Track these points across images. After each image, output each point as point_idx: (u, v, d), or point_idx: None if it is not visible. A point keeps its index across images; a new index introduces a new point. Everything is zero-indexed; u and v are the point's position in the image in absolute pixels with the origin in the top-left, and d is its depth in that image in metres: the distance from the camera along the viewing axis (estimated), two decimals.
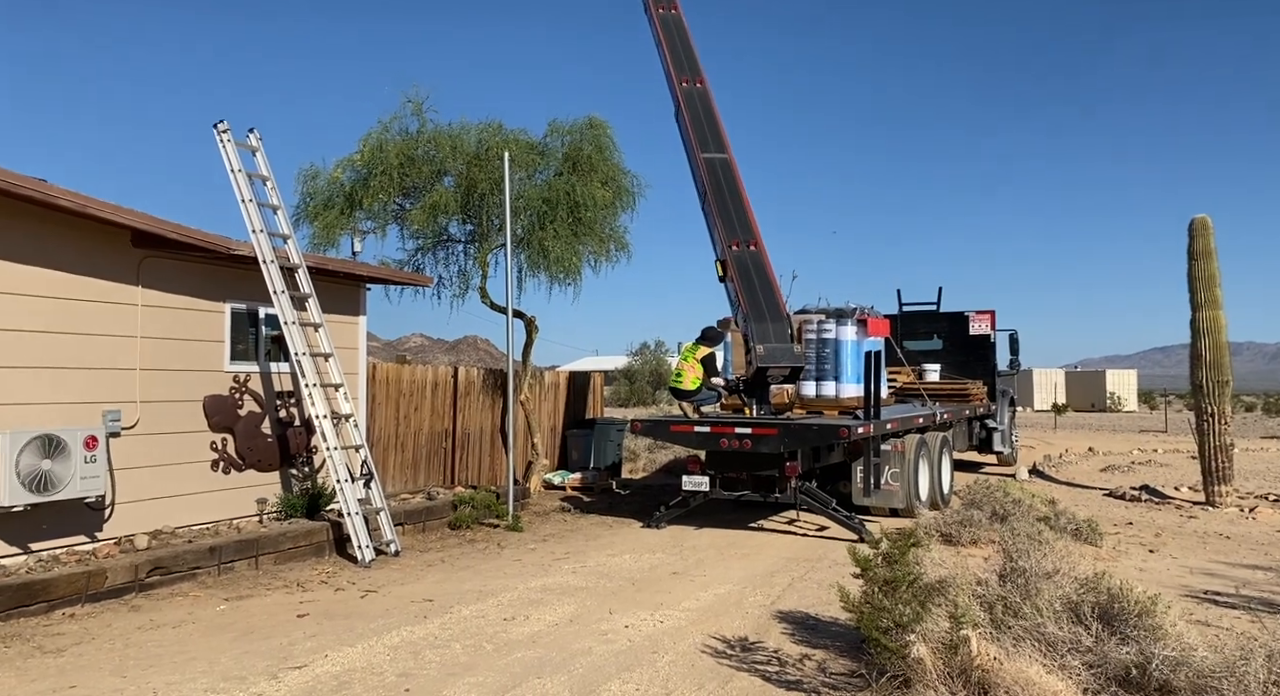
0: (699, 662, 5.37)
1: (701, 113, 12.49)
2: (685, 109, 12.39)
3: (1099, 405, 52.06)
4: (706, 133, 12.27)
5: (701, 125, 12.32)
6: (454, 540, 9.71)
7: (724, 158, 12.07)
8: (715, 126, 12.40)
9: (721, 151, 12.12)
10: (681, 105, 12.46)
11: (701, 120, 12.39)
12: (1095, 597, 4.84)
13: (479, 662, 5.37)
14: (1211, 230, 12.68)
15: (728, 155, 12.11)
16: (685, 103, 12.46)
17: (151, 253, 8.03)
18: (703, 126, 12.31)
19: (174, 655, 5.53)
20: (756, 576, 7.83)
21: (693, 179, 12.20)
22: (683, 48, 13.19)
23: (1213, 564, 8.39)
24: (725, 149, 12.18)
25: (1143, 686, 4.28)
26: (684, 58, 13.06)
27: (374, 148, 11.96)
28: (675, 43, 13.16)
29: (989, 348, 15.95)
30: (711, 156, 12.00)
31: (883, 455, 10.58)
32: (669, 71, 12.89)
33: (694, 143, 12.08)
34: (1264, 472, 16.67)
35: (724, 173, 11.91)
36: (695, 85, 12.78)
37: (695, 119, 12.34)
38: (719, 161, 12.00)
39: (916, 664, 4.32)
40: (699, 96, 12.70)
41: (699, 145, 12.07)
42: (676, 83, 12.70)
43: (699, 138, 12.13)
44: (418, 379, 12.27)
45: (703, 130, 12.26)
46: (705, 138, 12.20)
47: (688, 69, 12.92)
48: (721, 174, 11.87)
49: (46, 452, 6.80)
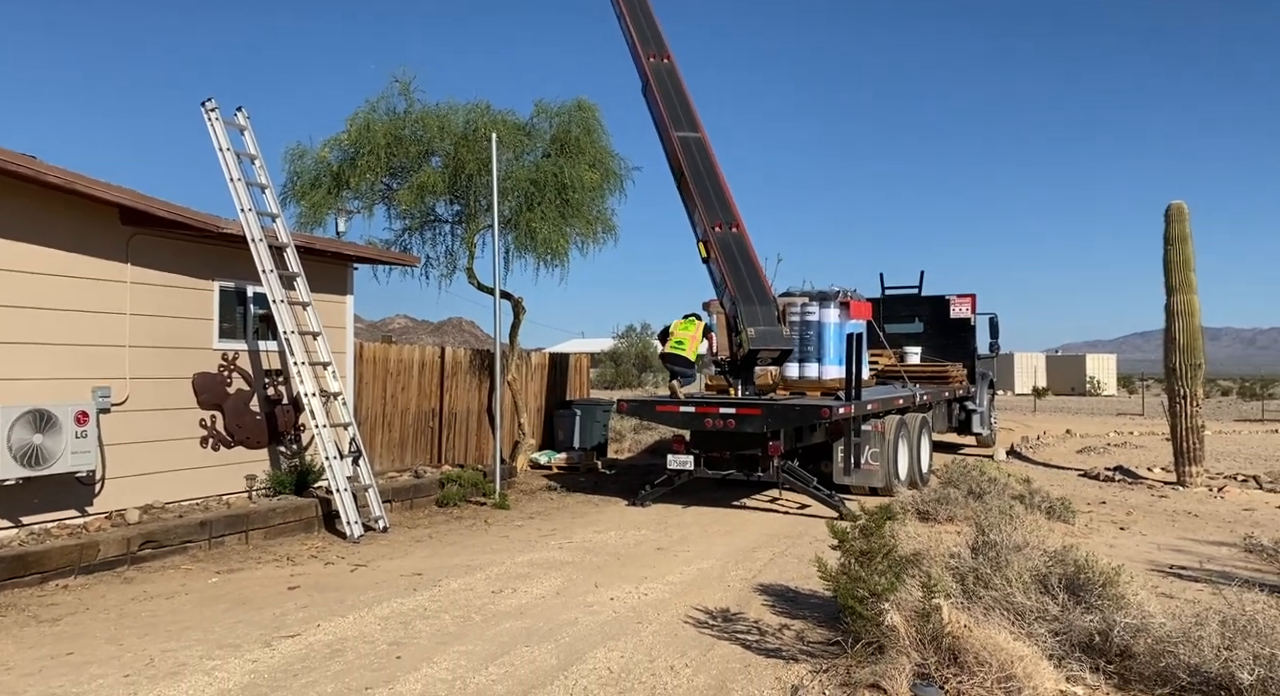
0: (682, 632, 5.54)
1: (671, 90, 12.24)
2: (655, 86, 12.15)
3: (1079, 389, 52.73)
4: (678, 110, 12.01)
5: (673, 102, 12.08)
6: (441, 517, 9.85)
7: (698, 136, 11.90)
8: (686, 104, 12.17)
9: (695, 130, 11.93)
10: (650, 81, 12.23)
11: (672, 97, 12.14)
12: (1062, 569, 5.05)
13: (468, 632, 5.52)
14: (1187, 216, 12.91)
15: (701, 134, 11.94)
16: (654, 79, 12.22)
17: (140, 230, 8.06)
18: (674, 104, 12.06)
19: (168, 624, 5.64)
20: (739, 551, 8.02)
21: (666, 158, 12.01)
22: (646, 21, 12.90)
23: (1180, 540, 8.65)
24: (698, 127, 11.99)
25: (1105, 652, 4.49)
26: (648, 32, 12.75)
27: (361, 127, 11.98)
28: (638, 15, 12.87)
29: (969, 331, 16.18)
30: (685, 135, 11.79)
31: (863, 435, 10.77)
32: (634, 46, 12.62)
33: (666, 120, 11.86)
34: (1235, 454, 17.06)
35: (699, 152, 11.77)
36: (663, 61, 12.51)
37: (666, 96, 12.11)
38: (693, 140, 11.83)
39: (890, 631, 4.50)
40: (667, 73, 12.43)
41: (671, 123, 11.84)
42: (643, 58, 12.45)
43: (671, 115, 11.90)
44: (405, 358, 12.35)
45: (674, 108, 12.01)
46: (677, 115, 11.95)
47: (653, 44, 12.63)
48: (697, 153, 11.73)
49: (38, 427, 6.87)
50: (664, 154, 12.02)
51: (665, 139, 11.93)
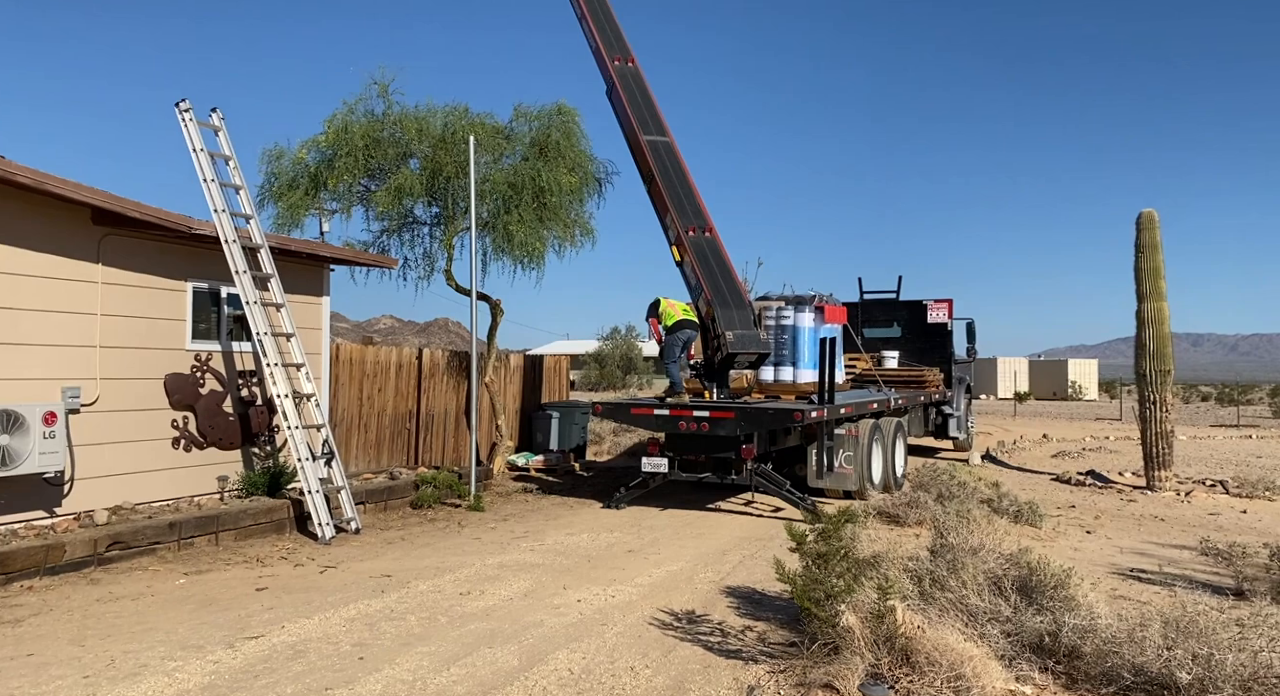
0: (645, 634, 5.60)
1: (637, 93, 12.28)
2: (621, 89, 12.20)
3: (1060, 393, 53.14)
4: (645, 114, 12.06)
5: (639, 106, 12.12)
6: (415, 519, 9.87)
7: (665, 140, 11.96)
8: (652, 107, 12.20)
9: (662, 134, 11.98)
10: (616, 84, 12.28)
11: (639, 101, 12.18)
12: (1016, 571, 5.14)
13: (433, 633, 5.56)
14: (1158, 224, 13.09)
15: (669, 138, 12.00)
16: (620, 81, 12.26)
17: (112, 230, 8.05)
18: (640, 107, 12.10)
19: (132, 626, 5.65)
20: (709, 554, 8.08)
21: (635, 162, 12.06)
22: (608, 24, 12.91)
23: (1144, 544, 8.78)
24: (665, 131, 12.04)
25: (1054, 652, 4.58)
26: (611, 35, 12.80)
27: (339, 129, 11.97)
28: (600, 18, 12.90)
29: (946, 335, 16.33)
30: (654, 139, 11.85)
31: (836, 439, 10.87)
32: (598, 49, 12.65)
33: (634, 124, 11.90)
34: (1206, 458, 17.27)
35: (668, 156, 11.83)
36: (627, 64, 12.56)
37: (632, 99, 12.15)
38: (661, 144, 11.87)
39: (846, 632, 4.57)
40: (632, 76, 12.47)
41: (639, 127, 11.89)
42: (608, 61, 12.49)
43: (639, 119, 11.95)
44: (382, 360, 12.35)
45: (641, 111, 12.06)
46: (645, 119, 12.00)
47: (617, 47, 12.67)
48: (666, 157, 11.79)
49: (4, 427, 6.85)
50: (632, 158, 12.10)
51: (633, 143, 12.00)
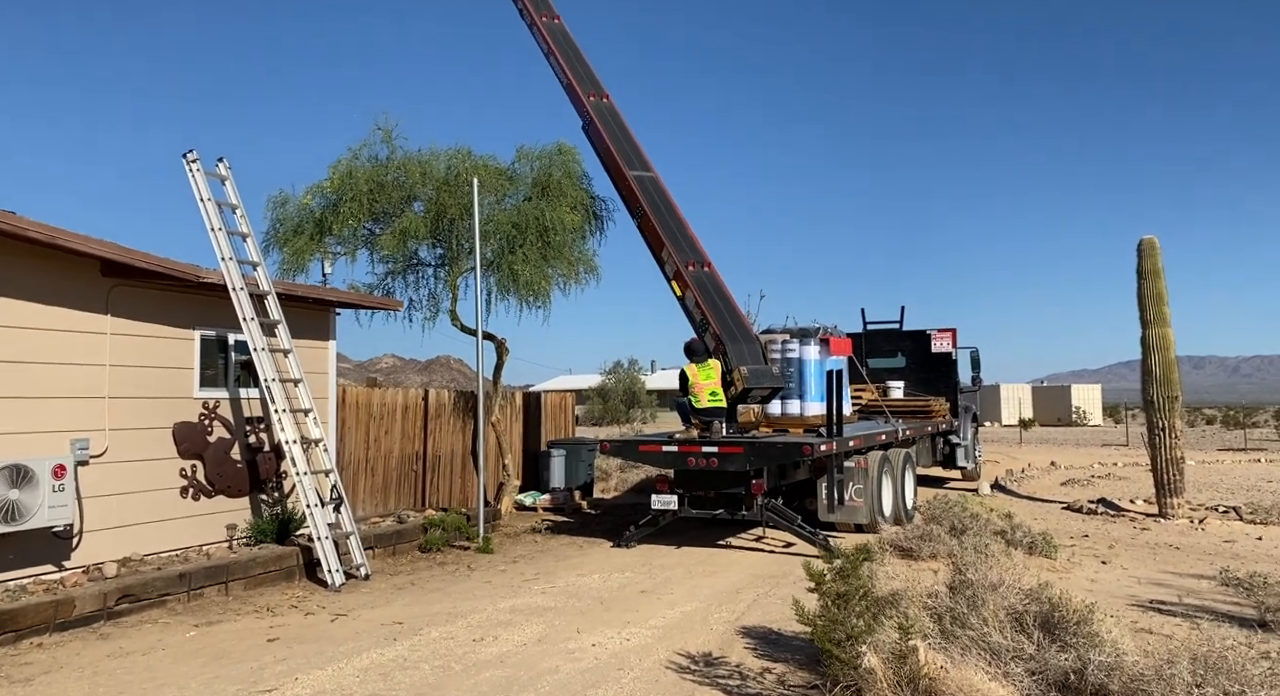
0: (663, 678, 5.52)
1: (616, 129, 12.33)
2: (600, 125, 12.26)
3: (1064, 419, 52.98)
4: (628, 150, 12.11)
5: (620, 142, 12.17)
6: (424, 563, 9.79)
7: (651, 175, 11.98)
8: (633, 143, 12.25)
9: (647, 169, 12.01)
10: (594, 120, 12.33)
11: (619, 137, 12.24)
12: (1038, 607, 5.08)
13: (447, 682, 5.49)
14: (1159, 250, 13.16)
15: (653, 172, 12.07)
16: (598, 117, 12.32)
17: (121, 281, 8.10)
18: (622, 143, 12.15)
19: (143, 682, 5.58)
20: (723, 593, 8.00)
21: (621, 198, 12.09)
22: (578, 62, 12.99)
23: (1161, 574, 8.69)
24: (649, 167, 12.06)
25: (1080, 691, 4.50)
26: (583, 72, 12.89)
27: (344, 174, 12.12)
28: (570, 55, 12.99)
29: (951, 365, 16.33)
30: (640, 174, 11.87)
31: (846, 472, 10.81)
32: (571, 84, 12.71)
33: (619, 160, 11.95)
34: (1217, 484, 17.17)
35: (655, 191, 11.85)
36: (603, 100, 12.66)
37: (613, 135, 12.19)
38: (648, 179, 11.88)
39: (868, 674, 4.51)
40: (609, 111, 12.53)
41: (624, 163, 11.92)
42: (583, 97, 12.55)
43: (622, 155, 11.99)
44: (388, 402, 12.35)
45: (624, 147, 12.11)
46: (629, 155, 12.04)
47: (589, 84, 12.75)
48: (654, 192, 11.86)
49: (14, 482, 6.83)
50: (618, 193, 12.17)
51: (618, 179, 12.05)
